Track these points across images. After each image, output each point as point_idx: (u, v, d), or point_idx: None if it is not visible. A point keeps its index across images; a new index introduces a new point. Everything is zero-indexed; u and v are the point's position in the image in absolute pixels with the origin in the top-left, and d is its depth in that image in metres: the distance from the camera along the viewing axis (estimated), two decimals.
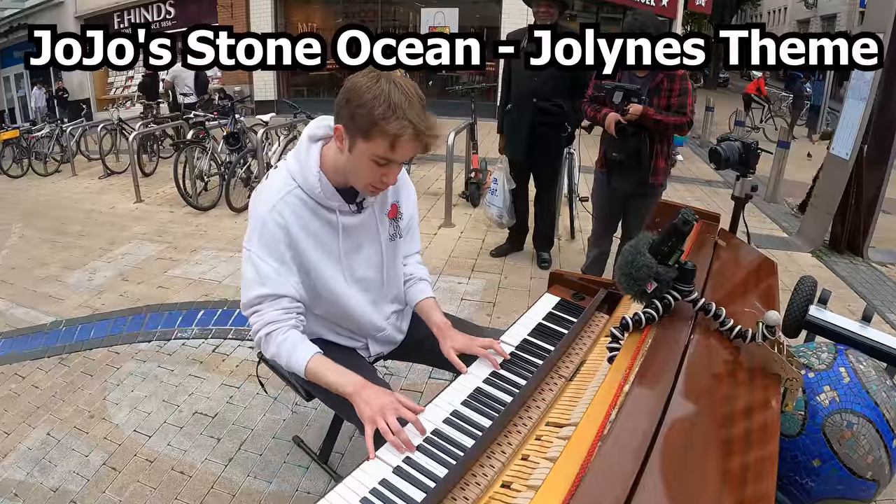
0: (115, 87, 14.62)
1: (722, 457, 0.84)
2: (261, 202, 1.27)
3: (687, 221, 1.04)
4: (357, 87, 1.14)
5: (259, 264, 1.24)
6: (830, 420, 1.14)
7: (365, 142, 1.15)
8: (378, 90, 1.12)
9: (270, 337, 1.26)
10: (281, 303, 1.26)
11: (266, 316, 1.25)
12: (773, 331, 1.02)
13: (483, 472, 0.93)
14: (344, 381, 1.18)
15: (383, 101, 1.11)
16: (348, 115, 1.15)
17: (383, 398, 1.12)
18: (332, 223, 1.31)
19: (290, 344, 1.24)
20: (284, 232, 1.25)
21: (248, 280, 1.26)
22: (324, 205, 1.28)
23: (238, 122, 5.75)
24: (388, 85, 1.13)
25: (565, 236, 4.37)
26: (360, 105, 1.12)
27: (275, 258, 1.25)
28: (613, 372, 1.02)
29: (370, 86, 1.13)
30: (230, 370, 2.56)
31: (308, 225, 1.28)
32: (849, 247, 4.27)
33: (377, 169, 1.19)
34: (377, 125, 1.12)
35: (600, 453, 0.80)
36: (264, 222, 1.24)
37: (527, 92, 3.26)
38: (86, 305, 3.30)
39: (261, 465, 1.97)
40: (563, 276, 1.62)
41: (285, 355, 1.24)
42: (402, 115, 1.11)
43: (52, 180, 7.25)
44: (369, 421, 1.08)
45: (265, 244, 1.24)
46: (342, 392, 1.18)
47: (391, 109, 1.11)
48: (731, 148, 2.05)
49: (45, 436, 2.16)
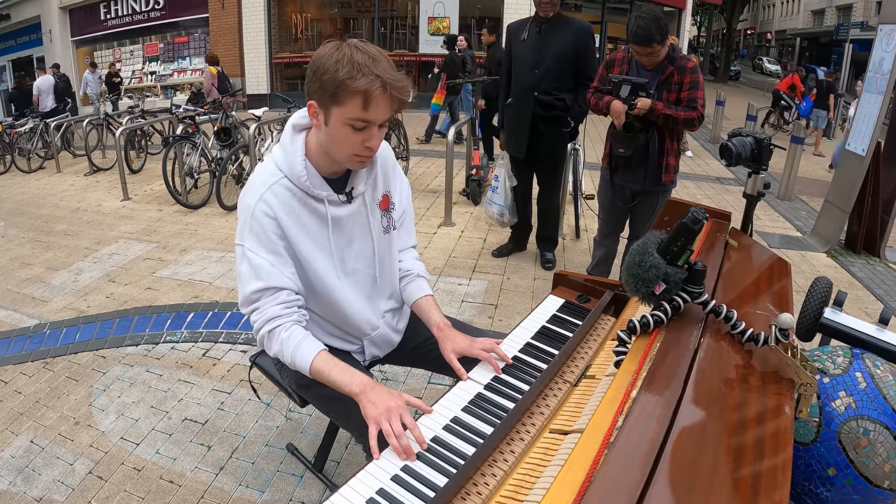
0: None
1: (733, 465, 0.84)
2: (248, 195, 1.28)
3: (697, 220, 1.04)
4: (320, 56, 1.17)
5: (252, 258, 1.25)
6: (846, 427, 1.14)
7: (337, 107, 1.17)
8: (340, 55, 1.15)
9: (273, 334, 1.25)
10: (280, 296, 1.26)
11: (267, 312, 1.25)
12: (787, 334, 1.02)
13: (484, 481, 0.93)
14: (350, 380, 1.18)
15: (346, 62, 1.13)
16: (317, 86, 1.17)
17: (390, 400, 1.12)
18: (320, 214, 1.31)
19: (294, 341, 1.24)
20: (274, 222, 1.25)
21: (244, 276, 1.26)
22: (312, 195, 1.28)
23: (229, 116, 5.75)
24: (349, 49, 1.15)
25: (570, 236, 4.37)
26: (325, 71, 1.15)
27: (268, 250, 1.25)
28: (620, 377, 1.02)
29: (332, 52, 1.16)
30: (221, 375, 2.56)
31: (298, 215, 1.28)
32: (865, 246, 4.28)
33: (356, 134, 1.20)
34: (344, 86, 1.13)
35: (606, 462, 0.80)
36: (253, 214, 1.25)
37: (527, 86, 3.26)
38: (71, 307, 3.30)
39: (253, 474, 1.97)
40: (568, 278, 1.62)
41: (289, 353, 1.24)
42: (367, 72, 1.13)
43: (35, 177, 7.26)
44: (374, 421, 1.08)
45: (256, 236, 1.25)
46: (348, 391, 1.18)
47: (356, 68, 1.13)
48: (743, 144, 2.05)
49: (28, 443, 2.16)
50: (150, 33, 14.01)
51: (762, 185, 2.12)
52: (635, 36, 2.47)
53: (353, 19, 13.11)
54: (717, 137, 8.82)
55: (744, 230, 2.12)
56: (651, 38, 2.44)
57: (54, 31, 14.25)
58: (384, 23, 12.80)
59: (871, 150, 4.04)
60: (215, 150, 5.68)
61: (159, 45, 13.88)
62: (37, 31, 14.78)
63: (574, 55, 3.16)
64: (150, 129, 7.76)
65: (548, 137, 3.33)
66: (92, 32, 14.31)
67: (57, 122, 7.98)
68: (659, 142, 2.64)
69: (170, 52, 13.67)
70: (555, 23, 3.18)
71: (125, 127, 6.36)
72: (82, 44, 14.58)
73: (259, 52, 12.81)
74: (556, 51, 3.16)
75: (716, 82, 22.63)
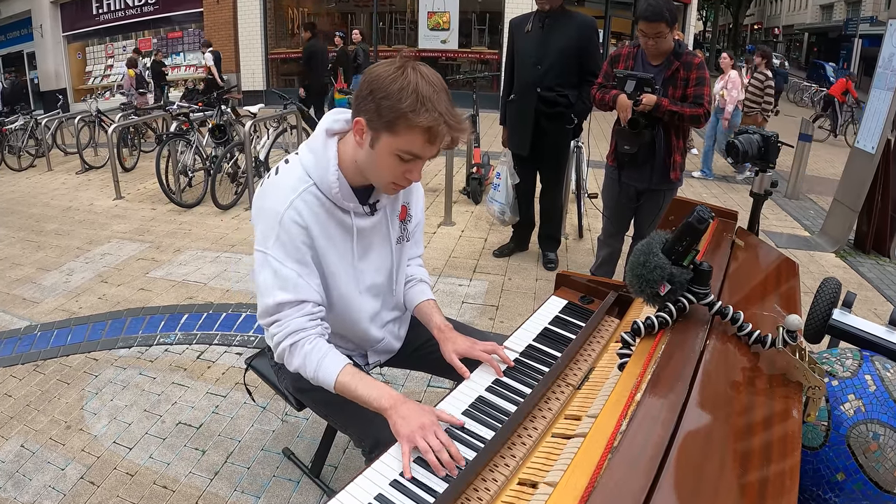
0: (94, 77, 14.63)
1: (740, 471, 0.84)
2: (273, 199, 1.23)
3: (703, 219, 1.04)
4: (381, 77, 1.12)
5: (278, 268, 1.21)
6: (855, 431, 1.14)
7: (390, 136, 1.13)
8: (405, 81, 1.10)
9: (296, 347, 1.23)
10: (304, 308, 1.24)
11: (290, 325, 1.23)
12: (795, 336, 1.02)
13: (485, 486, 0.93)
14: (379, 395, 1.16)
15: (411, 92, 1.09)
16: (373, 107, 1.12)
17: (423, 416, 1.09)
18: (346, 225, 1.29)
19: (317, 355, 1.22)
20: (305, 231, 1.22)
21: (267, 286, 1.23)
22: (339, 206, 1.26)
23: (224, 113, 5.75)
24: (414, 75, 1.11)
25: (573, 235, 4.38)
26: (386, 97, 1.10)
27: (295, 260, 1.22)
28: (624, 380, 1.02)
29: (395, 76, 1.11)
30: (216, 378, 2.56)
31: (325, 227, 1.26)
32: (875, 246, 4.27)
33: (400, 165, 1.17)
34: (405, 118, 1.10)
35: (610, 467, 0.80)
36: (281, 221, 1.21)
37: (530, 81, 3.26)
38: (62, 309, 3.30)
39: (248, 479, 1.97)
40: (571, 278, 1.62)
41: (312, 367, 1.22)
42: (431, 108, 1.10)
43: (26, 175, 7.25)
44: (406, 440, 1.06)
45: (283, 245, 1.21)
46: (377, 406, 1.16)
47: (420, 101, 1.09)
48: (750, 141, 2.05)
49: (18, 448, 2.16)
50: (143, 28, 14.02)
51: (769, 184, 2.13)
52: (644, 12, 2.45)
53: (350, 14, 13.11)
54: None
55: (750, 230, 2.12)
56: (660, 14, 2.43)
57: (45, 25, 14.25)
58: (383, 17, 12.80)
59: (881, 148, 4.04)
60: (210, 147, 5.68)
61: (153, 40, 13.88)
62: (27, 27, 14.77)
63: (577, 50, 3.16)
64: (142, 127, 7.76)
65: (551, 134, 3.34)
66: (84, 27, 14.31)
67: (48, 119, 7.99)
68: (665, 139, 2.65)
69: (163, 48, 13.67)
70: (558, 17, 3.18)
71: (118, 124, 6.36)
72: (74, 39, 14.58)
73: (254, 48, 12.81)
74: (560, 46, 3.16)
75: None
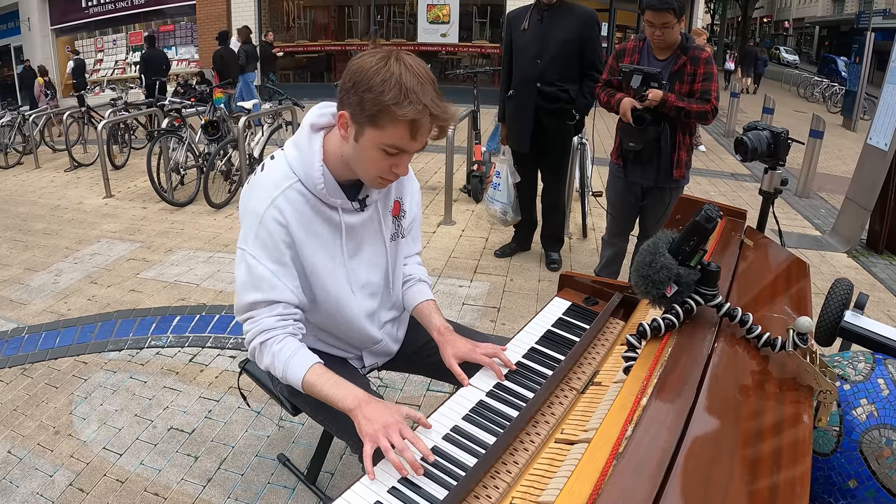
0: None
1: (749, 477, 0.84)
2: (256, 197, 1.24)
3: (710, 218, 1.04)
4: (364, 68, 1.12)
5: (254, 266, 1.22)
6: (868, 436, 1.14)
7: (374, 129, 1.13)
8: (388, 73, 1.10)
9: (265, 346, 1.24)
10: (276, 309, 1.24)
11: (261, 323, 1.24)
12: (805, 339, 1.02)
13: (486, 493, 0.93)
14: (344, 395, 1.17)
15: (394, 84, 1.09)
16: (355, 100, 1.12)
17: (388, 416, 1.10)
18: (334, 222, 1.29)
19: (286, 354, 1.23)
20: (284, 229, 1.23)
21: (242, 284, 1.24)
22: (326, 202, 1.26)
23: (217, 109, 5.75)
24: (398, 66, 1.11)
25: (577, 235, 4.38)
26: (369, 89, 1.10)
27: (272, 259, 1.23)
28: (629, 383, 1.02)
29: (378, 67, 1.11)
30: (209, 382, 2.56)
31: (310, 224, 1.26)
32: (888, 246, 4.27)
33: (386, 159, 1.17)
34: (388, 111, 1.10)
35: (615, 473, 0.80)
36: (262, 219, 1.22)
37: (529, 76, 3.25)
38: (50, 310, 3.30)
39: (242, 486, 1.97)
40: (575, 279, 1.62)
41: (280, 366, 1.23)
42: (415, 100, 1.10)
43: (13, 173, 7.26)
44: (369, 439, 1.06)
45: (262, 243, 1.22)
46: (342, 407, 1.16)
47: (403, 94, 1.09)
48: (759, 138, 2.05)
49: (5, 454, 2.16)
50: (133, 21, 14.02)
51: (779, 182, 2.13)
52: (651, 0, 2.44)
53: (348, 7, 13.11)
54: (732, 131, 8.83)
55: (759, 229, 2.12)
56: (668, 2, 2.43)
57: (33, 19, 14.26)
58: (381, 10, 12.81)
59: (895, 145, 4.04)
60: (202, 144, 5.68)
61: (144, 33, 13.89)
62: (14, 20, 14.78)
63: (578, 44, 3.16)
64: (133, 123, 7.76)
65: (552, 131, 3.33)
66: (72, 21, 14.32)
67: (36, 115, 7.99)
68: (671, 136, 2.65)
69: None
70: (557, 10, 3.18)
71: (107, 120, 6.35)
72: (62, 32, 14.59)
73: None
74: (560, 39, 3.16)
75: None
